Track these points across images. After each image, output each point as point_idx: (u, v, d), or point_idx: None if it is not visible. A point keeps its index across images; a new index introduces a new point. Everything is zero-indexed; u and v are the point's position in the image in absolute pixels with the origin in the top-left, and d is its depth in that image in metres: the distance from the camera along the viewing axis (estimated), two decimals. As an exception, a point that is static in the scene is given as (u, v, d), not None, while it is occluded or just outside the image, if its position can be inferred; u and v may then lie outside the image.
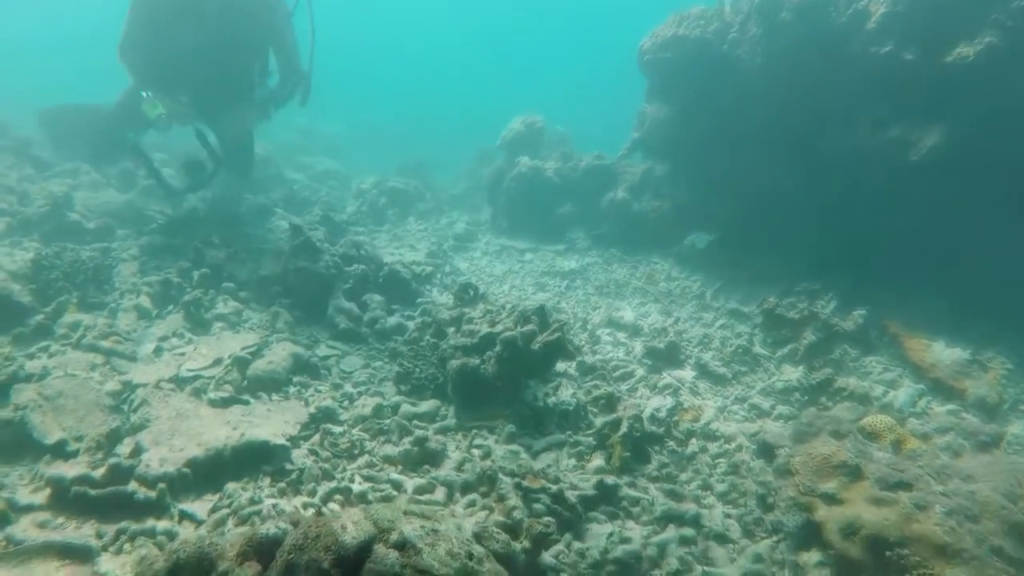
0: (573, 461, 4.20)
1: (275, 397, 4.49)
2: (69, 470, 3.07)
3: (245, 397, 4.36)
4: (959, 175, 6.75)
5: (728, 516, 3.90)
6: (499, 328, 4.79)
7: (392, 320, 5.81)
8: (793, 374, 5.79)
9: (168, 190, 7.36)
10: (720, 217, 8.59)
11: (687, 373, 5.60)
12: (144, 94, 6.81)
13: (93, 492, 2.99)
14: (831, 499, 3.88)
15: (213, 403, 4.15)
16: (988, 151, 6.58)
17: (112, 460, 3.21)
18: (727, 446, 4.63)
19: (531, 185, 10.17)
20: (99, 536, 2.86)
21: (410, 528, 2.09)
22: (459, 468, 3.90)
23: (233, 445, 3.59)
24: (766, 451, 4.53)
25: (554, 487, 3.65)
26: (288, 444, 3.81)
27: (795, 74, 7.66)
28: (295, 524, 2.26)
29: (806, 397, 5.41)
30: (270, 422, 4.03)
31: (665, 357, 5.78)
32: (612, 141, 10.73)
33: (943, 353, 6.14)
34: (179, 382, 4.29)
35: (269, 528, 2.22)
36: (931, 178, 6.86)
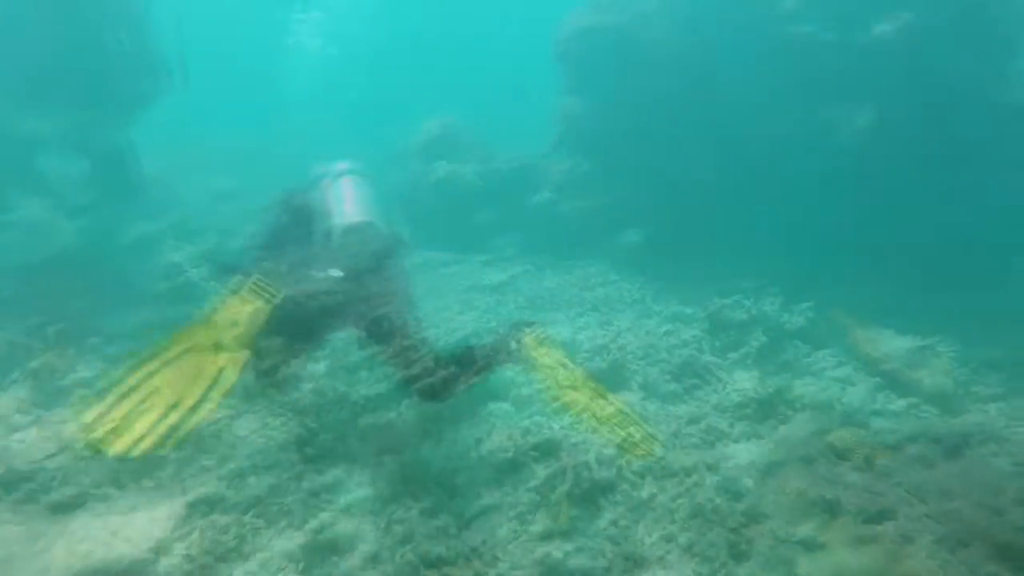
0: (514, 526, 3.55)
1: (146, 484, 3.64)
2: None
3: (103, 491, 3.50)
4: (890, 155, 6.65)
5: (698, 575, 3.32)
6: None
7: (295, 366, 4.99)
8: (747, 382, 5.36)
9: (77, 208, 6.44)
10: (652, 213, 8.12)
11: (634, 396, 5.04)
12: None
13: None
14: (811, 545, 3.39)
15: (54, 509, 3.27)
16: (917, 128, 6.48)
17: None
18: (687, 481, 4.07)
19: (450, 191, 9.49)
20: None
21: None
22: (374, 559, 3.19)
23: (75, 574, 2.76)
24: (731, 485, 4.00)
25: (491, 574, 2.99)
26: (154, 556, 3.00)
27: (716, 59, 7.34)
28: None
29: (763, 411, 4.96)
30: (133, 525, 3.20)
31: (608, 378, 5.19)
32: (534, 139, 10.13)
33: (893, 342, 5.98)
34: (6, 486, 3.37)
35: None
36: (862, 160, 6.76)
